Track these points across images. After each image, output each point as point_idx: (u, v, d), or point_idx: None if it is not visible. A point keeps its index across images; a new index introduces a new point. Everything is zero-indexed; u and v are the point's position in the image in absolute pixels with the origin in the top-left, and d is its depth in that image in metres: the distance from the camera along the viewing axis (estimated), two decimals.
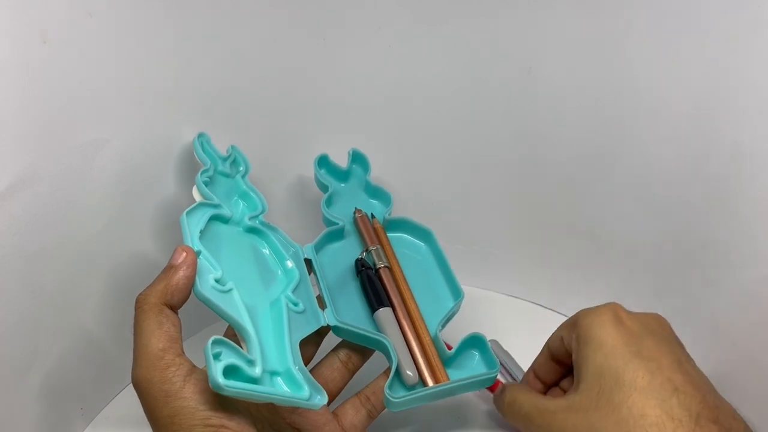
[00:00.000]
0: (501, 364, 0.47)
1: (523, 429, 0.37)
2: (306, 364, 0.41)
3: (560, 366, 0.39)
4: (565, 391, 0.39)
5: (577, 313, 0.37)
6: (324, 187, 0.49)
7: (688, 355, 0.34)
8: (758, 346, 0.42)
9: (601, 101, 0.46)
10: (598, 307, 0.36)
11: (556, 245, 0.54)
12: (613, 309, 0.35)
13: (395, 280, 0.44)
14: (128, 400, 0.46)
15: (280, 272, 0.43)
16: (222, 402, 0.31)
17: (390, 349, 0.40)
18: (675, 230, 0.47)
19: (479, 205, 0.55)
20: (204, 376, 0.32)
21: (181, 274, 0.34)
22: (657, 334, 0.35)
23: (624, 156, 0.47)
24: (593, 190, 0.50)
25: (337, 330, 0.41)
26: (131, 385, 0.32)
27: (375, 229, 0.47)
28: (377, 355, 0.42)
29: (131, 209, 0.44)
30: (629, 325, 0.34)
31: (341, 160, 0.51)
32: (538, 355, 0.41)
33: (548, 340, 0.40)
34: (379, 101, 0.51)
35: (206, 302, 0.34)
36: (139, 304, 0.34)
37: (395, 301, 0.43)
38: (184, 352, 0.33)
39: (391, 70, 0.49)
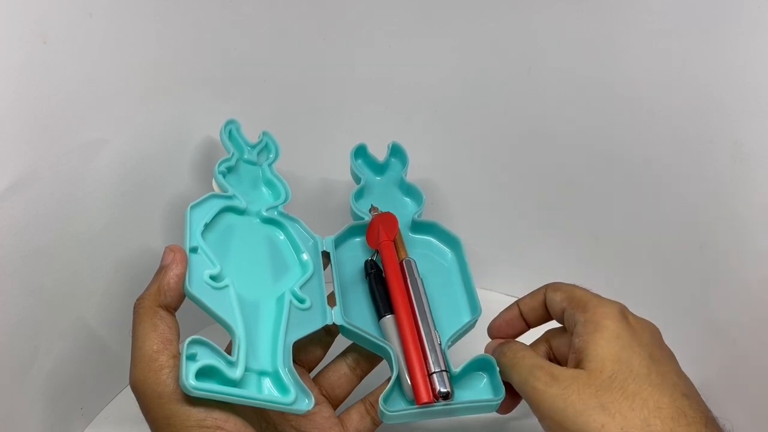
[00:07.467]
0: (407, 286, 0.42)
1: (519, 385, 0.36)
2: (314, 366, 0.41)
3: (548, 316, 0.40)
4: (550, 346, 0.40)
5: (585, 298, 0.37)
6: (357, 179, 0.47)
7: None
8: (758, 346, 0.42)
9: (601, 101, 0.46)
10: (607, 299, 0.37)
11: (557, 245, 0.54)
12: (623, 309, 0.36)
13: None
14: (128, 400, 0.46)
15: (295, 265, 0.41)
16: (218, 403, 0.31)
17: (393, 359, 0.38)
18: (675, 230, 0.47)
19: (478, 205, 0.55)
20: None
21: (171, 274, 0.34)
22: (658, 344, 0.36)
23: (624, 156, 0.47)
24: (593, 190, 0.50)
25: (344, 330, 0.39)
26: None
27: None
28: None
29: (132, 209, 0.44)
30: (637, 329, 0.35)
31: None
32: (529, 299, 0.41)
33: (545, 298, 0.40)
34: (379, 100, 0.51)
35: (194, 300, 0.34)
36: (135, 308, 0.34)
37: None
38: (180, 354, 0.33)
39: (391, 69, 0.49)
